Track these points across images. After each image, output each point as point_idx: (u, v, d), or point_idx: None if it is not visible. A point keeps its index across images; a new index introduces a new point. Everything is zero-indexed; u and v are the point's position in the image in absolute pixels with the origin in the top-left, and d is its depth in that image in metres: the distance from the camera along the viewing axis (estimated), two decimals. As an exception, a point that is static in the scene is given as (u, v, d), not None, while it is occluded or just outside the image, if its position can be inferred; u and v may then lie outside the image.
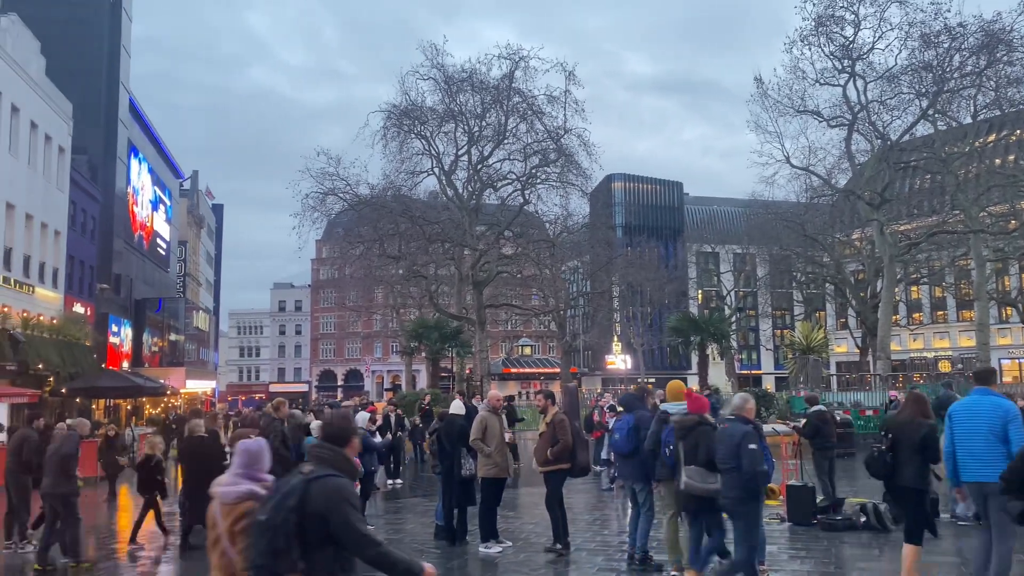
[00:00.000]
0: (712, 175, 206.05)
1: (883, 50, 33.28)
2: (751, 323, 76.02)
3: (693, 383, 34.40)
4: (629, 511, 9.44)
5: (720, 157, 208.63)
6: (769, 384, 67.40)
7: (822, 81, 34.14)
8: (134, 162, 45.32)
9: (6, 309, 25.89)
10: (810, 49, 33.17)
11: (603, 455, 17.37)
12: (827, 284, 50.74)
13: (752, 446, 6.80)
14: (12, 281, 27.96)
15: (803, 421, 12.82)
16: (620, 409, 13.19)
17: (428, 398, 23.87)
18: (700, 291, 68.03)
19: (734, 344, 51.82)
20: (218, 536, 4.08)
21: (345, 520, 3.56)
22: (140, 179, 46.75)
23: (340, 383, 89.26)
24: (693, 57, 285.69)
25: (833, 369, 48.47)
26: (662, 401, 16.05)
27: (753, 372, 75.93)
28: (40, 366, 26.12)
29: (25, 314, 27.31)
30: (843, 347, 57.21)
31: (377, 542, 3.62)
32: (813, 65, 33.75)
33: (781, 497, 11.58)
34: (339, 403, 26.78)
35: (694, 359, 41.92)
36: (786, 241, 45.70)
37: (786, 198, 44.78)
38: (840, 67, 33.55)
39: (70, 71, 35.21)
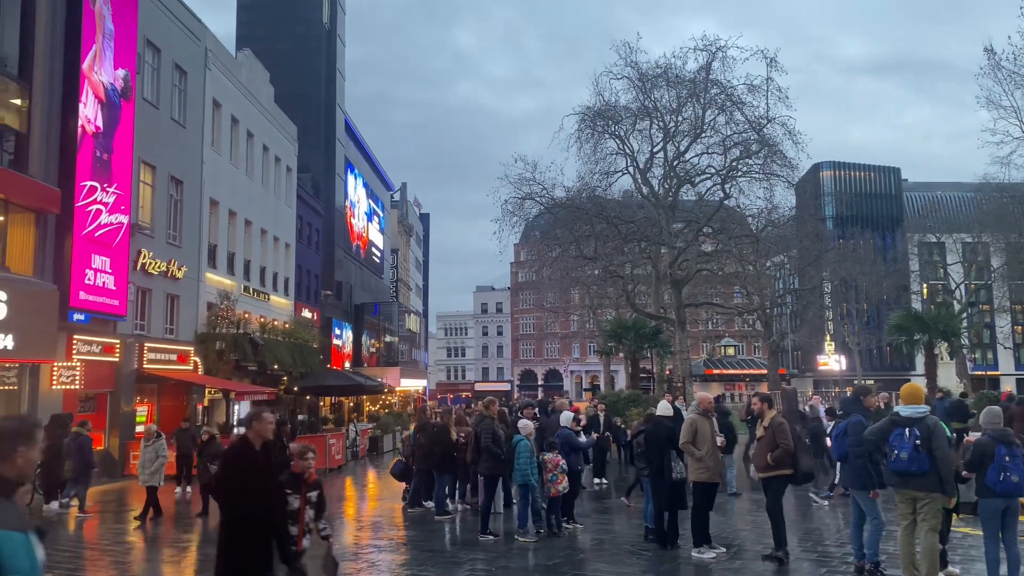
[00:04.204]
0: (935, 160, 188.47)
1: None
2: (986, 319, 68.82)
3: (920, 384, 31.57)
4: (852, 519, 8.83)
5: (946, 140, 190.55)
6: (1009, 386, 60.59)
7: (1070, 43, 30.30)
8: (350, 177, 48.94)
9: (247, 315, 28.85)
10: (1054, 8, 29.58)
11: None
12: (1080, 274, 44.91)
13: None
14: (251, 290, 31.14)
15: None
16: (839, 413, 12.38)
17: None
18: (924, 285, 62.64)
19: (966, 342, 47.06)
20: None
21: None
22: (356, 193, 50.40)
23: (540, 383, 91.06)
24: (915, 34, 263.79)
25: (1090, 370, 42.72)
26: (886, 404, 14.87)
27: (989, 373, 68.59)
28: (275, 366, 28.85)
29: (262, 319, 30.35)
30: (1102, 345, 50.26)
31: None
32: (1058, 26, 30.06)
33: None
34: (544, 402, 27.19)
35: (919, 359, 38.42)
36: (1027, 227, 40.95)
37: (1026, 179, 40.08)
38: (1092, 26, 29.59)
39: (293, 96, 38.69)
